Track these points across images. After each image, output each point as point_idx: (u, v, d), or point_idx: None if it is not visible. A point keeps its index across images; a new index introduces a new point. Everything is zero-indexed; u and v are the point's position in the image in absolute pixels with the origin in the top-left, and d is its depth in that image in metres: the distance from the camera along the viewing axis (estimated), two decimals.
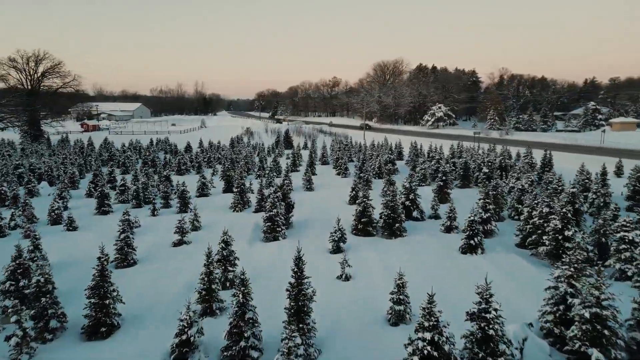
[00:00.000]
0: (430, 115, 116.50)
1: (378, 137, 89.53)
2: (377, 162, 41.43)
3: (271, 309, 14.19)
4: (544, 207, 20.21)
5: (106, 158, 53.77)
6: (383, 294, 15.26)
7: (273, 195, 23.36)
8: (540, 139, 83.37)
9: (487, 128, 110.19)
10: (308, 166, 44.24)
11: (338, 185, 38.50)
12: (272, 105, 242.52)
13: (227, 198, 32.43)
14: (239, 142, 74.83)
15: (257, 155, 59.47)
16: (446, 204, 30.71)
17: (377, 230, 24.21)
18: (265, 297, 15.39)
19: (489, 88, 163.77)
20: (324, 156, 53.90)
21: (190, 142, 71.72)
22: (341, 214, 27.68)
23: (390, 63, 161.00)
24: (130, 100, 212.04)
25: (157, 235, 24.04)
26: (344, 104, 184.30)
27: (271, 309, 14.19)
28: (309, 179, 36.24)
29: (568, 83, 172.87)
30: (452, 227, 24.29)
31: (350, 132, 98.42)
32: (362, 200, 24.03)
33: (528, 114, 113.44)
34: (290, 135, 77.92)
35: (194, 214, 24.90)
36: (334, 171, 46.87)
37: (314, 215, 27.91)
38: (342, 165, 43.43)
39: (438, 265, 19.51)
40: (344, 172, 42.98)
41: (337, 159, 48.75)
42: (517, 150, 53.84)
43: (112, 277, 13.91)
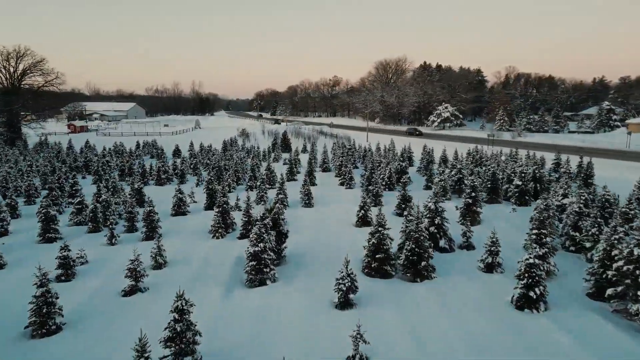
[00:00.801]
0: (436, 115, 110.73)
1: (381, 139, 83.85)
2: (387, 171, 35.68)
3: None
4: (635, 248, 14.46)
5: (81, 164, 47.95)
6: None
7: (260, 224, 17.62)
8: (556, 141, 77.63)
9: (497, 129, 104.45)
10: (307, 175, 38.51)
11: (342, 199, 32.77)
12: (271, 105, 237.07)
13: (209, 217, 26.69)
14: (232, 145, 69.08)
15: (251, 159, 53.80)
16: (475, 225, 25.11)
17: (395, 268, 18.49)
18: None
19: (493, 87, 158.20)
20: (325, 162, 48.13)
21: (179, 145, 65.97)
22: (348, 241, 22.06)
23: (392, 61, 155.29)
24: (126, 100, 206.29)
25: (106, 277, 18.26)
26: (345, 104, 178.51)
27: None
28: (307, 193, 30.50)
29: (576, 82, 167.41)
30: (495, 264, 18.56)
31: (353, 134, 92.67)
32: (377, 229, 18.29)
33: (540, 114, 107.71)
34: (288, 137, 72.19)
35: (157, 246, 19.12)
36: (337, 180, 41.10)
37: (314, 244, 22.17)
38: (346, 173, 37.66)
39: (488, 330, 13.80)
40: (348, 182, 37.22)
41: (340, 166, 43.02)
42: (538, 155, 48.11)
43: None
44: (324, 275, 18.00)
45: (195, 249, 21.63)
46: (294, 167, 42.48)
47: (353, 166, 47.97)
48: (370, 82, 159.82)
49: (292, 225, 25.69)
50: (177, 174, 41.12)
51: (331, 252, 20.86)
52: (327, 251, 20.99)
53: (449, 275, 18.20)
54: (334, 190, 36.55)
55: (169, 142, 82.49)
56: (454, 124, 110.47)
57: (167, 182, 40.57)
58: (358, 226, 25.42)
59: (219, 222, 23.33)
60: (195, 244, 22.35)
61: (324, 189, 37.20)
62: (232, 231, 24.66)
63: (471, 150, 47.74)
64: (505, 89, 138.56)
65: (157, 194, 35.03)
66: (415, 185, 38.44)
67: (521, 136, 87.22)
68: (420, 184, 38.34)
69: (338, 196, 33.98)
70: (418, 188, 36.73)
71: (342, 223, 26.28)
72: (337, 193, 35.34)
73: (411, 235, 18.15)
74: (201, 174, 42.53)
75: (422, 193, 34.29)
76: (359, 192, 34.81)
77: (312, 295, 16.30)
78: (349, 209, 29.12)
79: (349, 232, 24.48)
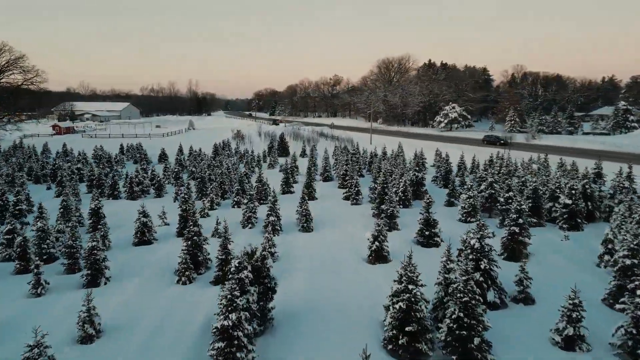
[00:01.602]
0: (443, 116, 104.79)
1: (386, 142, 78.00)
2: (402, 184, 29.78)
3: None
4: None
5: (49, 172, 42.06)
6: None
7: (233, 281, 11.79)
8: (576, 145, 71.80)
9: (507, 130, 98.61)
10: (306, 187, 32.68)
11: (348, 220, 26.89)
12: (270, 105, 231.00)
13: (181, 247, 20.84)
14: (224, 149, 63.18)
15: (245, 165, 47.97)
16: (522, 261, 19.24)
17: (432, 345, 12.65)
18: None
19: (499, 87, 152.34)
20: (326, 169, 42.21)
21: (166, 149, 60.03)
22: (360, 288, 16.40)
23: (395, 60, 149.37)
24: (121, 99, 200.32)
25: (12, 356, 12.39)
26: (346, 104, 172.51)
27: None
28: (305, 214, 24.63)
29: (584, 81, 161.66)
30: (577, 337, 12.71)
31: (355, 135, 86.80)
32: (404, 287, 12.46)
33: (552, 114, 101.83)
34: (285, 140, 66.31)
35: (88, 307, 13.23)
36: (340, 192, 35.18)
37: (313, 295, 16.30)
38: (352, 186, 31.74)
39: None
40: (354, 197, 31.28)
41: (344, 175, 37.18)
42: (553, 159, 42.33)
43: None
44: (329, 350, 12.17)
45: (151, 302, 15.77)
46: (290, 177, 36.59)
47: (358, 174, 42.13)
48: (372, 81, 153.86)
49: (284, 261, 19.83)
50: (155, 185, 35.20)
51: (337, 307, 15.05)
52: (332, 306, 15.16)
53: (510, 354, 12.35)
54: (337, 206, 30.66)
55: (157, 145, 76.66)
56: (462, 125, 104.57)
57: (142, 196, 34.67)
58: (371, 262, 19.58)
59: (186, 262, 17.45)
60: (153, 294, 16.47)
61: (326, 204, 31.33)
62: (206, 271, 18.83)
63: (493, 156, 41.83)
64: (513, 89, 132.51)
65: (126, 212, 29.21)
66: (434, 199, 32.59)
67: (536, 138, 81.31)
68: (438, 198, 32.52)
69: (343, 215, 28.08)
70: (437, 204, 30.89)
71: (350, 257, 20.42)
72: (342, 210, 29.45)
73: (456, 296, 12.29)
74: (182, 186, 36.64)
75: (443, 211, 28.48)
76: (367, 209, 28.93)
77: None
78: (357, 235, 23.30)
79: (359, 271, 18.63)
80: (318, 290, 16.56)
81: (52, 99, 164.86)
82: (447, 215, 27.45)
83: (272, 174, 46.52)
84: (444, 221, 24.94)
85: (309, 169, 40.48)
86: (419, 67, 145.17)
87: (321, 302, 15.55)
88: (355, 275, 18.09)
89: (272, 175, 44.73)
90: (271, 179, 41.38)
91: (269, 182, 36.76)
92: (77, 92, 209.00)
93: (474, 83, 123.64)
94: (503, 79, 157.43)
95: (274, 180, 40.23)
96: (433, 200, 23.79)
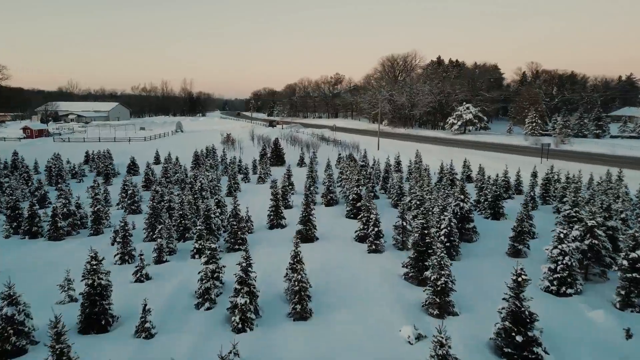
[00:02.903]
0: (455, 117, 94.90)
1: (394, 146, 68.15)
2: (445, 222, 19.81)
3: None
4: None
5: None
6: None
7: None
8: (616, 151, 61.86)
9: (528, 133, 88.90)
10: (302, 222, 22.80)
11: (368, 289, 16.90)
12: (268, 105, 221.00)
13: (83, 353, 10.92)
14: (208, 157, 53.32)
15: (228, 180, 38.19)
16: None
17: None
18: None
19: (510, 85, 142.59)
20: (329, 190, 32.16)
21: (136, 158, 50.14)
22: None
23: (400, 57, 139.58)
24: (110, 99, 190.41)
25: None
26: (348, 104, 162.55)
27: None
28: (299, 288, 14.62)
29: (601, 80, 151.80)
30: None
31: (360, 139, 76.86)
32: None
33: (578, 115, 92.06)
34: (280, 146, 56.39)
35: None
36: (350, 227, 25.17)
37: None
38: (370, 223, 21.76)
39: None
40: (373, 241, 21.15)
41: (354, 201, 27.30)
42: (599, 170, 32.53)
43: None
44: None
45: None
46: (281, 202, 26.60)
47: (371, 192, 32.29)
48: (376, 79, 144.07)
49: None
50: (94, 218, 25.20)
51: None
52: None
53: None
54: (347, 255, 20.73)
55: (133, 152, 66.90)
56: (477, 127, 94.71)
57: (73, 233, 24.79)
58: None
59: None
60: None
61: (331, 250, 21.45)
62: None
63: (535, 168, 31.88)
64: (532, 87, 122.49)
65: (36, 265, 19.47)
66: (483, 240, 22.74)
67: (565, 143, 71.42)
68: (491, 239, 22.73)
69: (358, 276, 18.11)
70: (493, 251, 21.09)
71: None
72: (355, 266, 19.48)
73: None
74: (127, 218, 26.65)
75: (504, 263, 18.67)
76: (395, 266, 19.00)
77: None
78: (385, 326, 13.48)
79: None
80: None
81: (47, 99, 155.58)
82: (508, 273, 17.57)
83: (262, 191, 36.74)
84: None
85: (308, 188, 30.76)
86: (426, 65, 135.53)
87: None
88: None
89: (260, 195, 34.91)
90: (258, 201, 31.65)
91: (252, 207, 27.04)
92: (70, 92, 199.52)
93: (491, 81, 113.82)
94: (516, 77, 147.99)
95: (261, 201, 30.45)
96: (477, 232, 13.97)
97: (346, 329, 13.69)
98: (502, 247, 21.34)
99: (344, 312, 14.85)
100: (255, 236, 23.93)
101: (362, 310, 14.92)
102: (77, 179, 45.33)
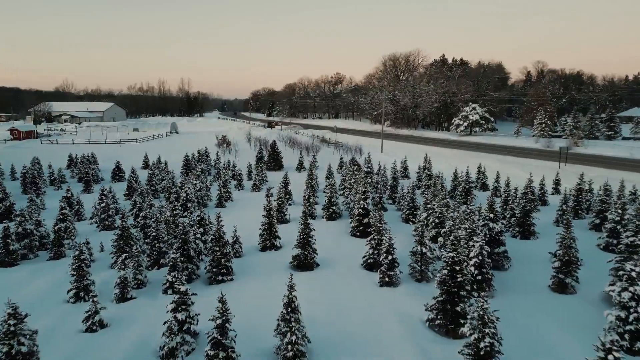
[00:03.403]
0: (461, 118, 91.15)
1: (399, 148, 64.43)
2: (474, 250, 16.06)
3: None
4: None
5: None
6: None
7: None
8: (635, 154, 58.09)
9: (537, 135, 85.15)
10: (300, 245, 19.05)
11: (383, 339, 13.17)
12: (267, 105, 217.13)
13: None
14: (200, 161, 49.59)
15: (219, 188, 34.40)
16: None
17: None
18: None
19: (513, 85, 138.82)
20: (331, 202, 28.29)
21: (121, 163, 46.36)
22: None
23: (403, 56, 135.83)
24: (107, 99, 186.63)
25: None
26: (349, 104, 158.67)
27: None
28: (296, 347, 10.88)
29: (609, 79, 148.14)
30: None
31: (362, 141, 73.13)
32: None
33: (589, 116, 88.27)
34: (278, 149, 52.59)
35: None
36: (356, 248, 21.44)
37: None
38: (382, 249, 18.05)
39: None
40: (387, 270, 17.34)
41: (359, 217, 23.57)
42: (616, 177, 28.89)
43: None
44: None
45: None
46: (274, 220, 22.79)
47: (379, 203, 28.56)
48: (377, 79, 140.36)
49: None
50: (55, 238, 21.37)
51: None
52: None
53: None
54: (354, 291, 16.93)
55: (123, 155, 63.23)
56: (484, 128, 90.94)
57: (30, 256, 21.01)
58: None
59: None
60: None
61: (334, 283, 17.67)
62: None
63: (558, 175, 28.10)
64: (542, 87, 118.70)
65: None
66: (517, 267, 19.02)
67: (580, 145, 67.57)
68: (521, 263, 19.04)
69: (369, 323, 14.34)
70: (533, 283, 17.38)
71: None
72: (365, 306, 15.68)
73: None
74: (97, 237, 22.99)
75: (550, 302, 15.01)
76: (415, 305, 15.24)
77: None
78: None
79: None
80: None
81: (44, 99, 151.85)
82: (572, 324, 13.89)
83: (256, 201, 32.97)
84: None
85: (307, 200, 27.07)
86: (429, 64, 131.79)
87: None
88: None
89: (254, 206, 31.14)
90: (251, 214, 27.92)
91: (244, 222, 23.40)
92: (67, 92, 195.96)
93: (497, 80, 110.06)
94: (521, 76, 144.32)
95: (254, 214, 26.71)
96: (509, 257, 10.17)
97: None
98: (541, 277, 17.63)
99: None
100: (244, 261, 20.18)
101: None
102: (55, 186, 41.54)
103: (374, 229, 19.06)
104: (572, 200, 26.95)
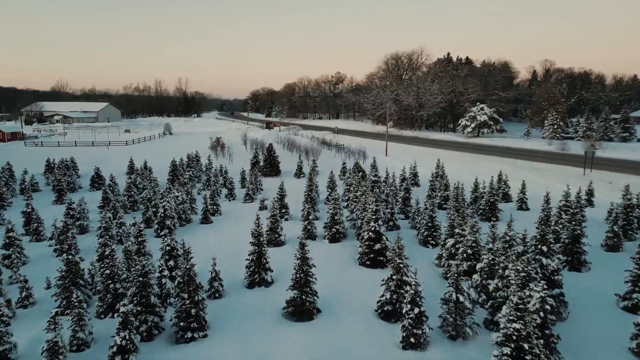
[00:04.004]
0: (469, 119, 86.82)
1: (404, 151, 60.14)
2: (536, 301, 11.75)
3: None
4: None
5: None
6: None
7: None
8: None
9: (549, 137, 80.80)
10: (297, 287, 14.77)
11: None
12: (267, 105, 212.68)
13: None
14: (190, 166, 45.29)
15: (204, 202, 29.99)
16: None
17: None
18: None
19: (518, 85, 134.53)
20: (335, 220, 23.88)
21: (100, 169, 42.03)
22: None
23: (406, 55, 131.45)
24: (102, 99, 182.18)
25: None
26: (350, 104, 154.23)
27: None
28: None
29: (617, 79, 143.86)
30: None
31: (365, 143, 68.74)
32: None
33: (603, 117, 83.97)
34: (275, 153, 48.27)
35: None
36: (365, 284, 17.22)
37: None
38: (402, 288, 13.75)
39: None
40: (413, 326, 13.00)
41: (369, 243, 19.27)
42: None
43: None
44: None
45: None
46: (264, 248, 18.48)
47: (389, 221, 24.26)
48: (380, 78, 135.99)
49: None
50: None
51: None
52: None
53: None
54: (369, 356, 12.63)
55: (109, 158, 59.10)
56: (493, 129, 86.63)
57: None
58: None
59: None
60: None
61: (342, 341, 13.41)
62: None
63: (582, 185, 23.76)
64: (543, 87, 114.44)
65: None
66: (576, 313, 14.76)
67: (598, 148, 63.10)
68: (580, 308, 14.79)
69: None
70: (604, 341, 13.10)
71: None
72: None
73: None
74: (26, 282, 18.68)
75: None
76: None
77: None
78: None
79: None
80: None
81: (39, 99, 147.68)
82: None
83: (247, 215, 28.60)
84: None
85: (307, 217, 22.99)
86: (433, 63, 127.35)
87: None
88: None
89: (245, 220, 26.83)
90: (240, 232, 23.65)
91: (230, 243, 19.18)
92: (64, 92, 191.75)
93: (505, 80, 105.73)
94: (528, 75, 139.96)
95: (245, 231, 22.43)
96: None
97: None
98: (613, 330, 13.34)
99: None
100: (225, 304, 15.88)
101: None
102: (25, 195, 37.19)
103: (392, 265, 14.77)
104: (622, 219, 22.62)
